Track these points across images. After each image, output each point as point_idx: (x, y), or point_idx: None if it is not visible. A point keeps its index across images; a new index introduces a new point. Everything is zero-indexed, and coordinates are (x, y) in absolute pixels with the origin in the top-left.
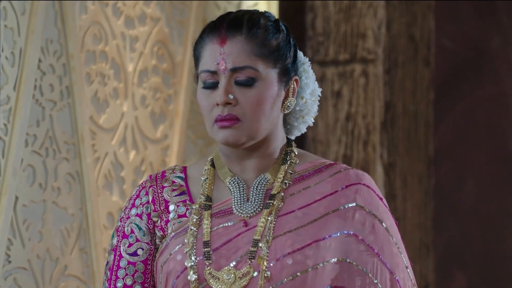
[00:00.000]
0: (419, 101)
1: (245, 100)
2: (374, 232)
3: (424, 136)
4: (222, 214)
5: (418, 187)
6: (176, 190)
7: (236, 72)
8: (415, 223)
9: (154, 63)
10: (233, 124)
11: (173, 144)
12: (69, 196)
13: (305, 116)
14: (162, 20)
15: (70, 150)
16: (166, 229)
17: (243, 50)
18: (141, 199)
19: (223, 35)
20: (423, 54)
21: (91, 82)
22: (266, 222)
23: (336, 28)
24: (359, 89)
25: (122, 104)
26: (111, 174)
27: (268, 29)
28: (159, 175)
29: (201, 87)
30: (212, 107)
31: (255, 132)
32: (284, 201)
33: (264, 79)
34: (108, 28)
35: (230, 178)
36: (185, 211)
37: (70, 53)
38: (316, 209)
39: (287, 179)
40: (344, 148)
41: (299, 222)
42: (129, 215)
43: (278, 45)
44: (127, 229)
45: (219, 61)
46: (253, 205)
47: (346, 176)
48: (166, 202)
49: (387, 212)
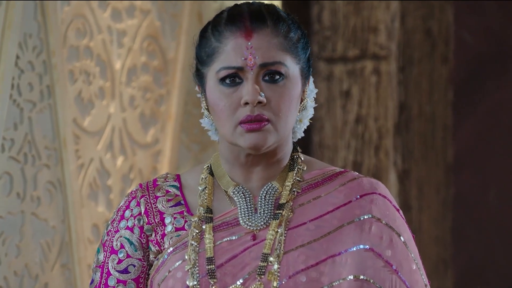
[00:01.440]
0: (436, 102)
1: (275, 99)
2: (392, 247)
3: (442, 141)
4: (225, 227)
5: (435, 197)
6: (171, 200)
7: (264, 68)
8: (433, 237)
9: (144, 59)
10: (262, 126)
11: (165, 149)
12: (50, 206)
13: (303, 119)
14: (153, 13)
15: (51, 156)
16: (162, 244)
17: (271, 44)
18: (131, 210)
19: (249, 28)
20: (441, 50)
21: (74, 81)
22: (275, 235)
23: (345, 21)
24: (370, 89)
25: (108, 105)
26: (96, 182)
27: (289, 22)
28: (151, 184)
29: (219, 84)
30: (236, 107)
31: (283, 135)
32: (294, 212)
33: (292, 76)
34: (93, 22)
35: (234, 187)
36: (183, 224)
37: (51, 49)
38: (329, 221)
39: (295, 188)
40: (353, 154)
41: (311, 235)
42: (118, 228)
43: (299, 40)
44: (116, 243)
45: (246, 56)
46: (263, 216)
47: (359, 185)
48: (161, 214)
49: (404, 224)
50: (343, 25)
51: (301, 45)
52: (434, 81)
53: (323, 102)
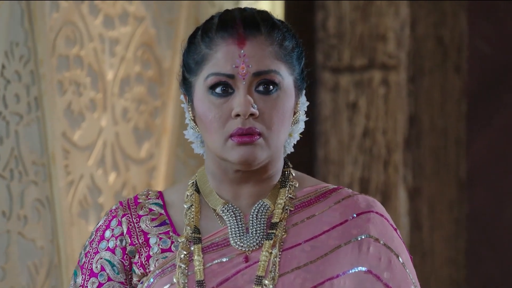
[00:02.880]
0: (449, 115)
1: (268, 111)
2: (391, 268)
3: (455, 156)
4: (215, 248)
5: (448, 216)
6: (155, 219)
7: (258, 78)
8: (445, 258)
9: (138, 69)
10: (254, 140)
11: (160, 164)
12: (37, 226)
13: (293, 133)
14: (148, 19)
15: (39, 172)
16: (147, 266)
17: (265, 51)
18: (112, 230)
19: (242, 35)
20: (454, 59)
21: (63, 92)
22: (269, 256)
23: (352, 28)
24: (378, 101)
25: (100, 117)
26: (87, 200)
27: (284, 30)
28: (132, 202)
29: (208, 94)
30: (226, 119)
31: (275, 150)
32: (288, 232)
33: (286, 87)
34: (83, 29)
35: (223, 205)
36: (169, 245)
37: (39, 58)
38: (325, 242)
39: (288, 206)
40: (361, 170)
41: (307, 257)
42: (97, 249)
43: (293, 49)
44: (95, 266)
45: (238, 64)
46: (255, 236)
47: (355, 203)
48: (145, 234)
49: (402, 244)
50: (350, 33)
51: (296, 54)
52: (446, 93)
53: (328, 115)
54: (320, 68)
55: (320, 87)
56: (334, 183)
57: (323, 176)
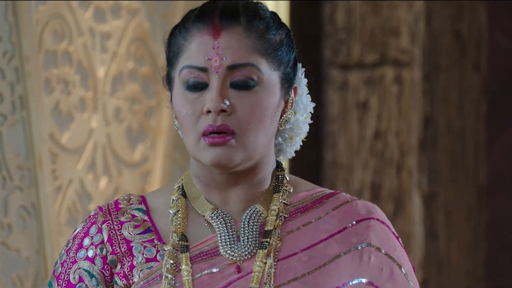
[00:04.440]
0: (467, 115)
1: (243, 109)
2: (393, 280)
3: (473, 159)
4: (204, 257)
5: (466, 224)
6: (139, 226)
7: (233, 71)
8: (463, 269)
9: (131, 66)
10: (227, 140)
11: (155, 168)
12: (23, 235)
13: (294, 137)
14: (142, 13)
15: (24, 177)
16: (131, 277)
17: (242, 43)
18: (91, 238)
19: (217, 25)
20: (472, 55)
21: (51, 91)
22: (264, 267)
23: (362, 22)
24: (390, 100)
25: (90, 118)
26: (76, 207)
27: (270, 22)
28: (112, 207)
29: (183, 89)
30: (198, 116)
31: (253, 151)
32: (282, 240)
33: (266, 83)
34: (72, 23)
35: (212, 211)
36: (155, 254)
37: (24, 54)
38: (323, 251)
39: (282, 212)
40: (372, 174)
41: (304, 267)
42: (75, 259)
43: (281, 42)
44: (73, 276)
45: (211, 56)
46: (247, 245)
47: (354, 209)
48: (127, 242)
49: (404, 254)
50: (360, 27)
51: (284, 48)
52: (464, 91)
53: (336, 115)
54: (327, 64)
55: (327, 85)
56: (343, 188)
57: (331, 182)
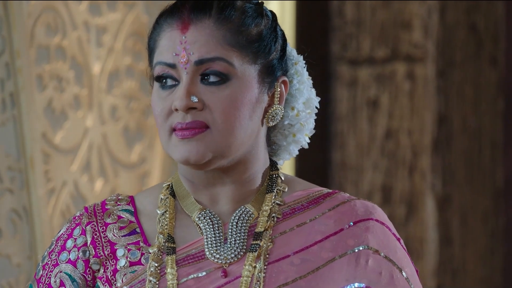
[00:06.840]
0: (483, 113)
1: (215, 103)
2: (393, 284)
3: (490, 160)
4: (191, 261)
5: (482, 228)
6: (124, 228)
7: (202, 66)
8: (478, 276)
9: (128, 62)
10: (197, 133)
11: (153, 169)
12: (13, 240)
13: (296, 134)
14: (139, 5)
15: (15, 179)
16: (114, 281)
17: (212, 37)
18: (75, 240)
19: (185, 19)
20: (489, 49)
21: (43, 88)
22: (253, 271)
23: (372, 15)
24: (402, 97)
25: (85, 117)
26: (70, 210)
27: (246, 12)
28: (99, 208)
29: (157, 86)
30: (169, 113)
31: (227, 147)
32: (274, 242)
33: (240, 77)
34: (66, 16)
35: (199, 212)
36: (139, 257)
37: (15, 49)
38: (317, 254)
39: (275, 212)
40: (382, 176)
41: (297, 271)
42: (57, 262)
43: (259, 33)
44: (54, 280)
45: (179, 52)
46: (234, 247)
47: (352, 209)
48: (112, 245)
49: (406, 256)
50: (370, 20)
51: (265, 40)
52: (480, 88)
53: (345, 114)
54: (335, 60)
55: (335, 82)
56: (352, 191)
57: (339, 183)
